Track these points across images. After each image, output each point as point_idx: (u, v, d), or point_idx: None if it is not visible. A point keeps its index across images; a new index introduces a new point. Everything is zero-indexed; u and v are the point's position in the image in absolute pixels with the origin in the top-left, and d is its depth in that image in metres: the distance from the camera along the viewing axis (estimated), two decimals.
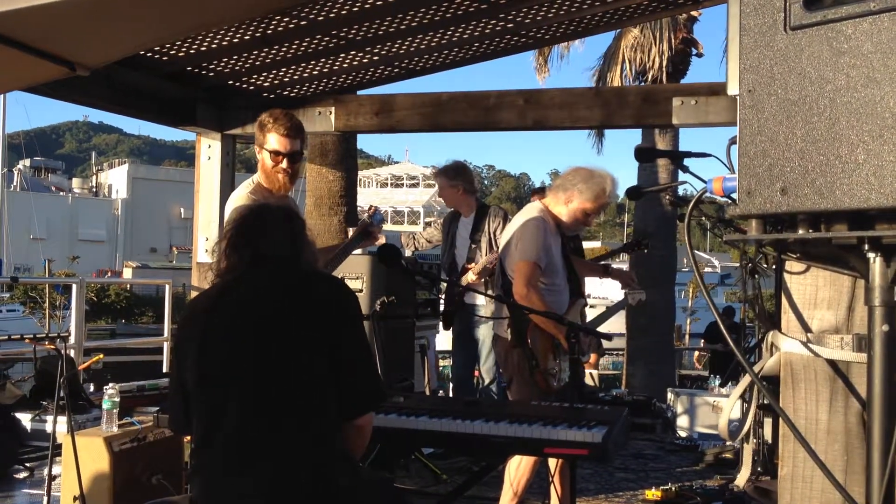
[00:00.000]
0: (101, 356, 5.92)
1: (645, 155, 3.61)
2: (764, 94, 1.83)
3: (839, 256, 1.96)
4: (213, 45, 6.29)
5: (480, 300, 6.54)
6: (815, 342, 2.15)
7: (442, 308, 7.23)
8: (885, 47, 1.70)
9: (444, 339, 9.99)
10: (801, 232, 1.85)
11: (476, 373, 7.18)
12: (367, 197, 66.80)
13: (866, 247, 1.84)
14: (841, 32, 1.76)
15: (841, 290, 2.17)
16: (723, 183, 2.05)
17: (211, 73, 6.91)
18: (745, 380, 2.22)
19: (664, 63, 16.02)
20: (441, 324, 7.32)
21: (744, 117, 1.85)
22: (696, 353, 18.46)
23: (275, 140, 4.21)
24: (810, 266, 2.18)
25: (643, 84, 15.95)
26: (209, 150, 7.43)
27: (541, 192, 7.24)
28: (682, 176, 3.38)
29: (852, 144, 1.73)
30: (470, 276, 6.40)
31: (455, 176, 6.74)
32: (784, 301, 2.21)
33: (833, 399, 2.16)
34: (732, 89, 1.90)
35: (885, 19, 1.71)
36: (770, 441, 4.47)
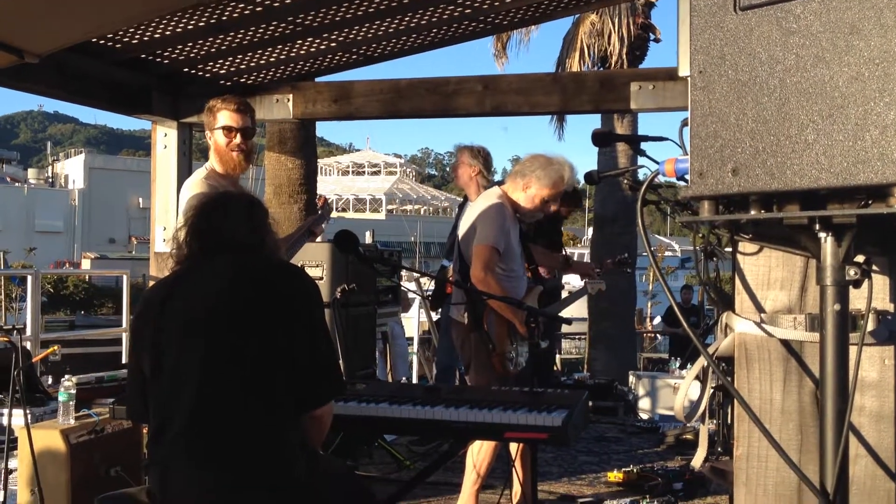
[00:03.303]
0: (57, 347, 5.83)
1: (602, 139, 3.61)
2: (714, 75, 1.83)
3: (791, 237, 1.97)
4: (168, 32, 6.20)
5: None
6: (769, 322, 2.17)
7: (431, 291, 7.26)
8: (833, 26, 1.71)
9: (409, 327, 10.02)
10: (752, 213, 1.85)
11: None
12: (329, 185, 66.49)
13: (817, 227, 1.84)
14: (790, 12, 1.76)
15: (793, 271, 2.18)
16: (675, 164, 2.05)
17: (165, 61, 6.81)
18: (700, 361, 2.23)
19: (623, 49, 16.07)
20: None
21: (695, 98, 1.85)
22: (646, 336, 18.56)
23: (226, 117, 4.19)
24: (763, 247, 2.19)
25: (601, 69, 15.98)
26: (165, 138, 7.35)
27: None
28: (640, 160, 3.39)
29: (802, 124, 1.73)
30: None
31: (476, 155, 6.67)
32: (737, 282, 2.22)
33: (787, 379, 2.18)
34: (683, 70, 1.90)
35: None
36: (730, 422, 4.51)
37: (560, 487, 5.55)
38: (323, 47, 6.93)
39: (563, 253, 6.71)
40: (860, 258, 1.92)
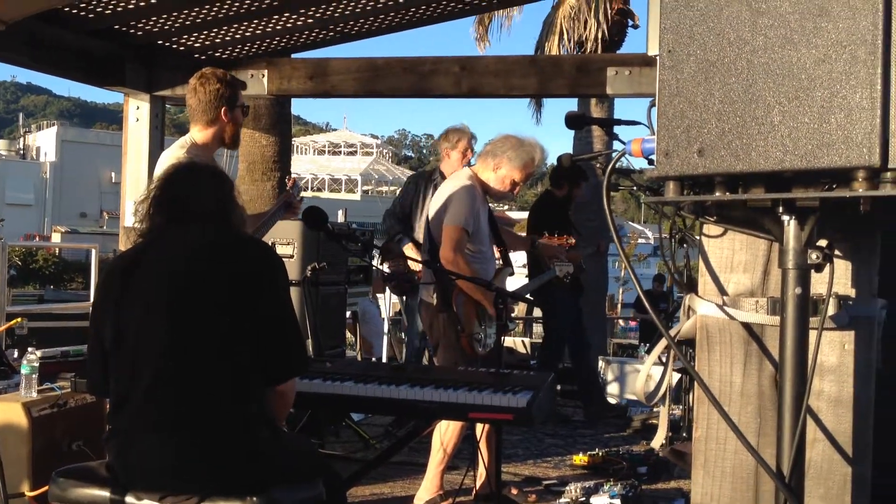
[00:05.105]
0: (22, 319, 5.77)
1: (575, 122, 3.58)
2: (683, 54, 1.82)
3: (755, 219, 1.97)
4: (142, 3, 6.11)
5: None
6: (731, 305, 2.17)
7: (387, 273, 7.16)
8: (802, 8, 1.70)
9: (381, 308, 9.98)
10: (717, 194, 1.85)
11: None
12: (304, 164, 66.10)
13: (781, 209, 1.85)
14: None
15: (757, 254, 2.19)
16: (642, 144, 2.04)
17: (139, 32, 6.72)
18: (662, 343, 2.24)
19: (600, 34, 16.02)
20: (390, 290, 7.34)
21: (663, 78, 1.84)
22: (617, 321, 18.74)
23: (240, 96, 4.15)
24: (727, 230, 2.19)
25: (579, 54, 15.94)
26: (137, 111, 7.26)
27: None
28: (613, 145, 3.39)
29: (768, 106, 1.73)
30: None
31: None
32: (701, 264, 2.22)
33: (747, 362, 2.18)
34: (653, 49, 1.89)
35: None
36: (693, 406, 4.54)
37: (525, 469, 5.57)
38: (300, 23, 6.87)
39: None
40: (823, 242, 1.93)
